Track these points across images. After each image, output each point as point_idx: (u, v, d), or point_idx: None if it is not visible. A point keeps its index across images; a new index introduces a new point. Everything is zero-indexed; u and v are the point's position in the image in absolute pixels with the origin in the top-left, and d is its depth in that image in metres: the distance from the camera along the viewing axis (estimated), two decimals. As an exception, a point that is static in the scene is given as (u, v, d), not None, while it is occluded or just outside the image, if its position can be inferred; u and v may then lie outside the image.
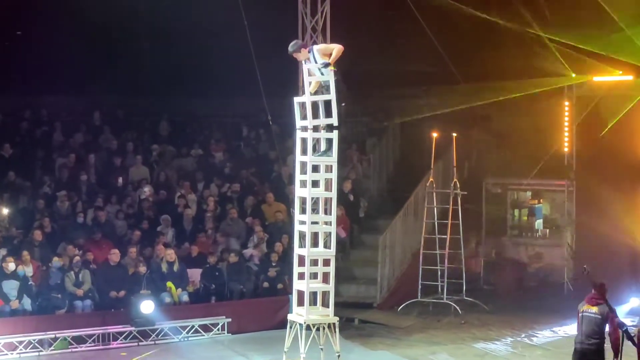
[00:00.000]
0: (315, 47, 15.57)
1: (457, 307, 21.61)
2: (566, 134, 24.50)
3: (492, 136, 25.73)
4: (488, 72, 22.85)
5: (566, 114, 24.43)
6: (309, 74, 15.61)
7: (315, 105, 15.84)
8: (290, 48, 15.51)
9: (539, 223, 26.07)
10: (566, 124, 24.48)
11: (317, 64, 15.39)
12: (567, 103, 24.38)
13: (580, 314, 13.94)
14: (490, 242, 25.97)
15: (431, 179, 22.65)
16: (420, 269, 22.07)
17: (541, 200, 26.17)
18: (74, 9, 22.98)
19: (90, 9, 22.80)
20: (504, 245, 25.99)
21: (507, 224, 26.23)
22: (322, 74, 15.45)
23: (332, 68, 15.26)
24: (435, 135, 22.52)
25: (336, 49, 15.39)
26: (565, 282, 23.96)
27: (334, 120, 15.62)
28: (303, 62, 15.69)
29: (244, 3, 18.66)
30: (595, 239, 22.97)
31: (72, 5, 22.97)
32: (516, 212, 26.49)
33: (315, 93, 15.74)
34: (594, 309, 13.77)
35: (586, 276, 14.09)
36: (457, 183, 22.45)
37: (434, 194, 22.68)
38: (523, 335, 19.84)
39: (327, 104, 15.63)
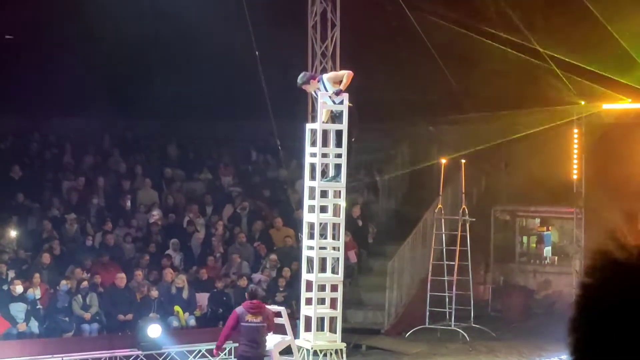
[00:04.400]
0: (325, 77, 15.61)
1: (465, 334, 21.54)
2: (575, 161, 24.48)
3: (501, 163, 25.72)
4: (497, 100, 22.86)
5: (575, 141, 24.42)
6: (322, 103, 15.64)
7: (325, 132, 15.90)
8: (299, 80, 15.55)
9: (547, 250, 26.01)
10: (575, 151, 24.45)
11: (329, 92, 15.41)
12: (576, 130, 24.36)
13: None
14: (499, 269, 25.91)
15: (440, 205, 22.64)
16: (428, 295, 22.02)
17: (550, 228, 26.11)
18: (84, 32, 23.07)
19: (100, 33, 22.90)
20: (512, 272, 25.92)
21: (515, 250, 26.16)
22: (333, 102, 15.48)
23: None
24: (443, 161, 22.52)
25: (346, 75, 15.44)
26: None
27: (344, 150, 15.65)
28: (313, 92, 15.72)
29: (254, 28, 18.72)
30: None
31: (82, 29, 23.06)
32: (524, 238, 26.43)
33: (327, 121, 15.79)
34: (258, 318, 14.68)
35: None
36: (466, 209, 22.43)
37: (443, 220, 22.65)
38: (531, 363, 19.79)
39: (338, 132, 15.68)
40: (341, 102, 15.56)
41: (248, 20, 18.67)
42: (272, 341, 15.66)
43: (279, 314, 16.16)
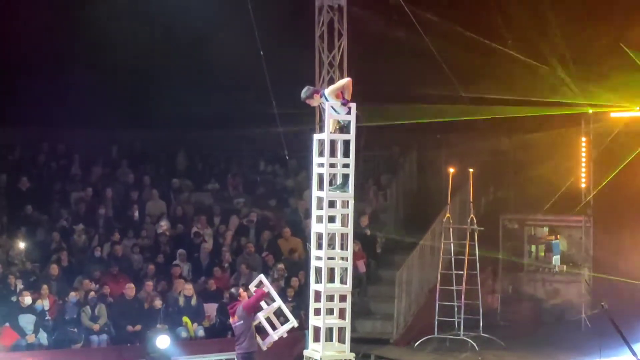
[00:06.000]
0: (326, 91, 15.61)
1: (474, 343, 21.50)
2: (583, 169, 24.44)
3: (509, 172, 25.69)
4: (505, 108, 22.84)
5: (583, 149, 24.38)
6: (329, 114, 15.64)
7: (333, 142, 15.90)
8: (302, 95, 15.55)
9: (556, 259, 25.91)
10: (583, 159, 24.42)
11: (333, 104, 15.42)
12: (584, 138, 24.33)
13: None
14: (507, 278, 25.85)
15: (448, 215, 22.61)
16: (437, 304, 21.98)
17: (558, 236, 26.03)
18: (92, 44, 23.14)
19: (109, 45, 22.95)
20: (520, 281, 25.86)
21: (524, 259, 26.10)
22: (336, 112, 15.47)
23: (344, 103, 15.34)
24: (452, 170, 22.49)
25: (345, 84, 15.48)
26: (582, 319, 23.82)
27: (351, 160, 15.64)
28: (321, 104, 15.69)
29: (262, 39, 18.75)
30: (613, 274, 22.87)
31: (90, 41, 23.13)
32: (533, 247, 26.37)
33: (334, 132, 15.78)
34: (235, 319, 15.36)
35: (604, 313, 14.11)
36: (474, 219, 22.39)
37: (451, 229, 22.62)
38: (540, 372, 19.73)
39: (346, 142, 15.68)
40: (349, 113, 15.55)
41: (256, 31, 18.69)
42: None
43: (260, 283, 16.14)
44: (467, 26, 21.96)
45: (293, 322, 15.87)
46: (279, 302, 15.83)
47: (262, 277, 16.19)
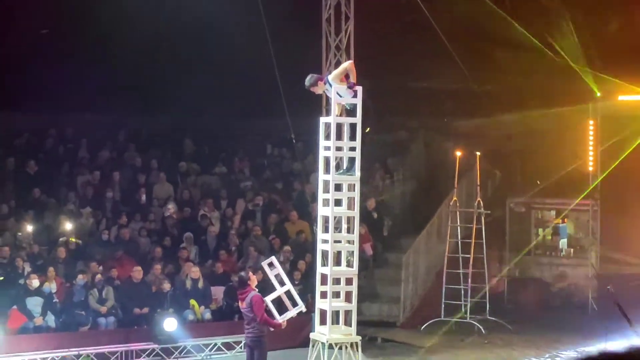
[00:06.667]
0: (330, 77, 15.63)
1: (481, 327, 21.52)
2: (591, 153, 24.41)
3: (517, 155, 25.68)
4: (512, 92, 22.82)
5: (591, 133, 24.34)
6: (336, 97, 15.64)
7: (339, 125, 15.92)
8: (306, 82, 15.57)
9: (563, 242, 25.94)
10: (591, 143, 24.38)
11: (338, 89, 15.43)
12: (591, 122, 24.29)
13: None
14: (514, 261, 25.84)
15: (455, 198, 22.61)
16: (444, 288, 22.01)
17: (565, 220, 26.04)
18: (100, 28, 23.13)
19: (116, 31, 22.95)
20: (527, 264, 25.86)
21: (531, 242, 26.09)
22: (340, 95, 15.48)
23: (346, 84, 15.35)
24: (459, 154, 22.48)
25: (347, 67, 15.50)
26: (589, 302, 23.84)
27: (358, 143, 15.65)
28: (325, 91, 15.67)
29: (268, 22, 18.73)
30: (620, 258, 22.88)
31: (98, 25, 23.12)
32: (540, 231, 26.36)
33: (340, 115, 15.80)
34: (244, 305, 15.23)
35: (610, 296, 14.13)
36: (481, 202, 22.39)
37: (458, 213, 22.63)
38: (547, 356, 19.72)
39: (352, 125, 15.70)
40: (355, 96, 15.57)
41: (262, 14, 18.67)
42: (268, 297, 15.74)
43: (272, 265, 16.11)
44: (475, 9, 21.90)
45: (301, 307, 15.89)
46: (288, 286, 15.83)
47: (273, 258, 16.18)
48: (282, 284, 15.99)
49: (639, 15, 21.68)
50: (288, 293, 15.87)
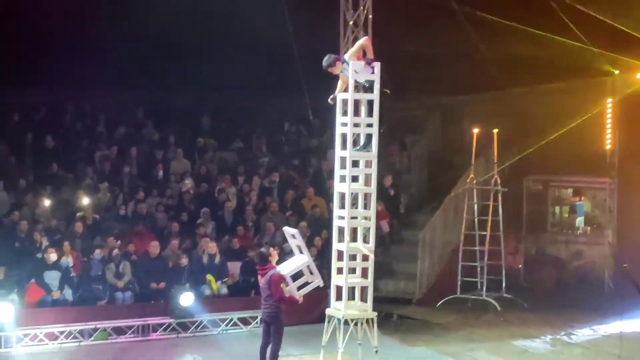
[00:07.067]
0: (346, 56, 15.64)
1: (497, 304, 21.53)
2: (609, 130, 24.32)
3: (534, 133, 25.58)
4: (529, 69, 22.72)
5: (609, 110, 24.24)
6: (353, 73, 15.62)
7: (357, 102, 15.92)
8: (324, 63, 15.55)
9: (579, 220, 25.89)
10: (609, 120, 24.28)
11: (356, 67, 15.42)
12: (609, 100, 24.19)
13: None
14: (531, 239, 25.84)
15: (472, 175, 22.58)
16: (460, 265, 22.02)
17: (582, 198, 25.98)
18: (119, 6, 23.10)
19: (134, 8, 22.92)
20: (544, 242, 25.84)
21: (547, 221, 26.06)
22: (356, 72, 15.43)
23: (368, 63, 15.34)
24: (476, 131, 22.42)
25: (363, 44, 15.51)
26: (605, 281, 23.80)
27: (375, 119, 15.64)
28: (343, 71, 15.64)
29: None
30: (637, 236, 22.82)
31: (117, 2, 23.09)
32: (557, 209, 26.31)
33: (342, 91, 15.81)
34: (263, 280, 15.27)
35: (626, 274, 14.12)
36: (498, 179, 22.36)
37: (475, 190, 22.61)
38: (562, 333, 19.73)
39: (370, 102, 15.68)
40: (373, 72, 15.55)
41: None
42: (286, 268, 15.72)
43: (294, 236, 16.14)
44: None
45: (320, 282, 15.92)
46: (309, 260, 15.82)
47: (296, 231, 16.19)
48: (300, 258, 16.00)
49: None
50: (307, 267, 15.86)
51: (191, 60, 24.25)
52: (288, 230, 16.42)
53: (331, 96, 15.90)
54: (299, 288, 15.67)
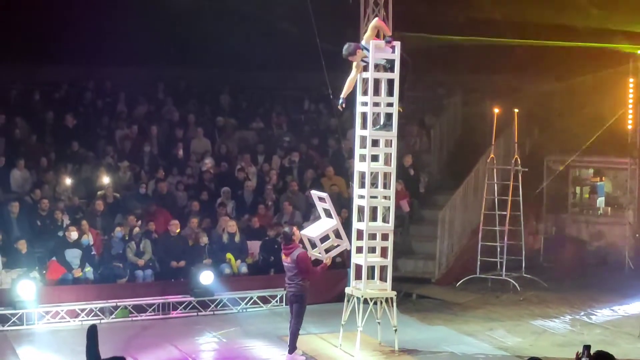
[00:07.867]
0: (363, 42, 15.66)
1: (516, 284, 21.50)
2: (630, 110, 24.19)
3: (555, 112, 25.50)
4: (550, 50, 22.62)
5: (631, 90, 24.11)
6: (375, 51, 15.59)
7: (377, 81, 15.89)
8: (344, 52, 15.57)
9: (600, 201, 25.79)
10: (630, 100, 24.16)
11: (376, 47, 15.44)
12: (631, 80, 24.05)
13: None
14: (551, 219, 25.77)
15: (492, 155, 22.52)
16: (480, 245, 21.99)
17: (603, 178, 25.87)
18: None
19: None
20: (564, 222, 25.76)
21: (568, 201, 25.97)
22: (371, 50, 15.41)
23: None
24: (496, 111, 22.35)
25: (376, 25, 15.59)
26: (626, 261, 23.73)
27: (395, 99, 15.62)
28: (364, 58, 15.61)
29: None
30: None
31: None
32: (577, 189, 26.21)
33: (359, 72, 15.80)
34: (288, 259, 15.38)
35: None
36: (518, 159, 22.29)
37: (495, 170, 22.55)
38: (582, 314, 19.69)
39: (390, 81, 15.66)
40: (393, 52, 15.53)
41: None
42: (315, 231, 15.75)
43: (323, 200, 16.15)
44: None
45: (347, 245, 15.96)
46: (337, 223, 15.83)
47: (326, 195, 16.20)
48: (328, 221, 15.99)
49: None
50: (335, 231, 15.87)
51: (211, 37, 24.22)
52: (316, 193, 16.44)
53: (340, 101, 15.83)
54: (327, 251, 15.72)
